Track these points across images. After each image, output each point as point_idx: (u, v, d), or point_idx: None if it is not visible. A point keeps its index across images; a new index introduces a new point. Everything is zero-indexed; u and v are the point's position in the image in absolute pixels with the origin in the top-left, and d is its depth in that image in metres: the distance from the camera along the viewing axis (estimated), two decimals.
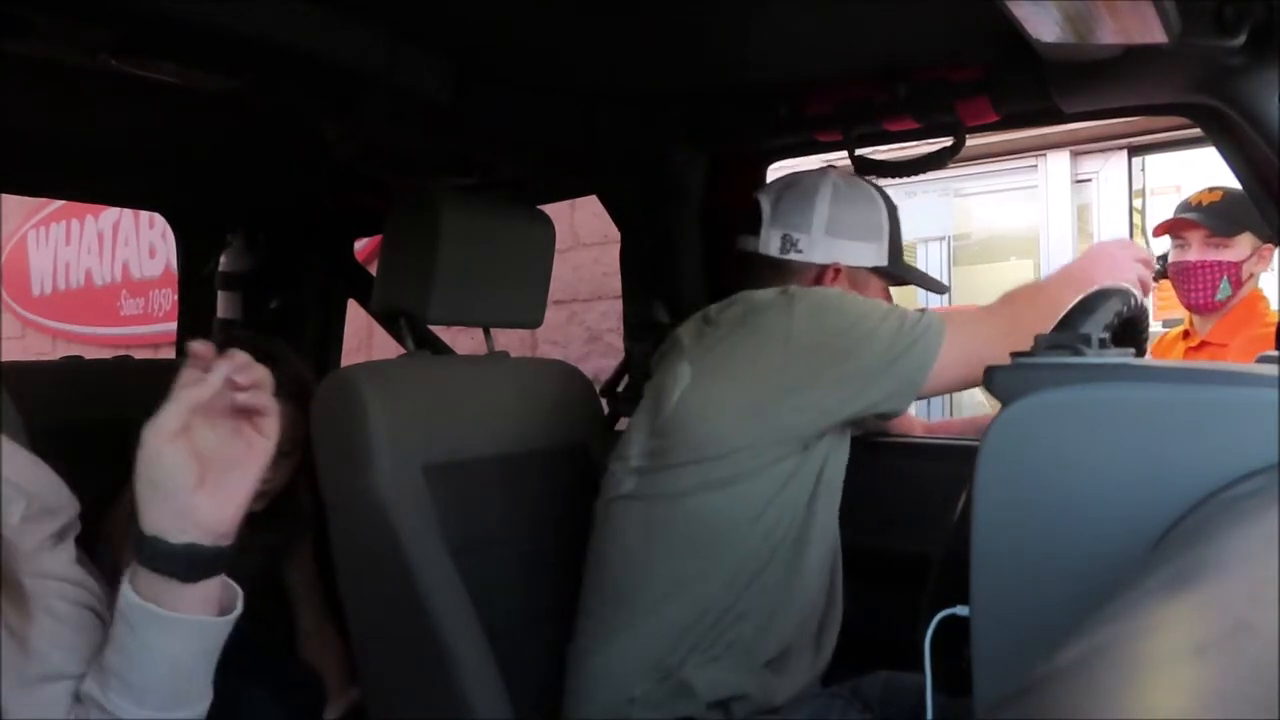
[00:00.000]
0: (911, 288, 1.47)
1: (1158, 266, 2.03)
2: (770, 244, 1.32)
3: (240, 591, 0.76)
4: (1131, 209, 2.95)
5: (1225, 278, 2.14)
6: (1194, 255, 2.14)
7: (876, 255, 1.33)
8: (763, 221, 1.32)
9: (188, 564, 0.69)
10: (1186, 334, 2.26)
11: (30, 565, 0.70)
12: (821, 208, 1.30)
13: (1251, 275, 2.16)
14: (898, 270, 1.36)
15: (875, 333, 1.12)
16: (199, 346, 0.69)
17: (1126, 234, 2.93)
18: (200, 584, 0.71)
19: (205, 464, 0.70)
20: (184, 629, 0.71)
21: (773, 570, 1.16)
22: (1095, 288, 0.76)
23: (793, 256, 1.30)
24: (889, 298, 1.36)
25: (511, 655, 1.20)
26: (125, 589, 0.70)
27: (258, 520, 1.46)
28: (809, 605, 1.22)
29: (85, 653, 0.75)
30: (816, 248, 1.30)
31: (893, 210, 1.36)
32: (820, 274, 1.30)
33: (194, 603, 0.71)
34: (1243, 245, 2.12)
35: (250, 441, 0.72)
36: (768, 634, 1.18)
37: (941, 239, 3.21)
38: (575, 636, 1.24)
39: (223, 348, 1.43)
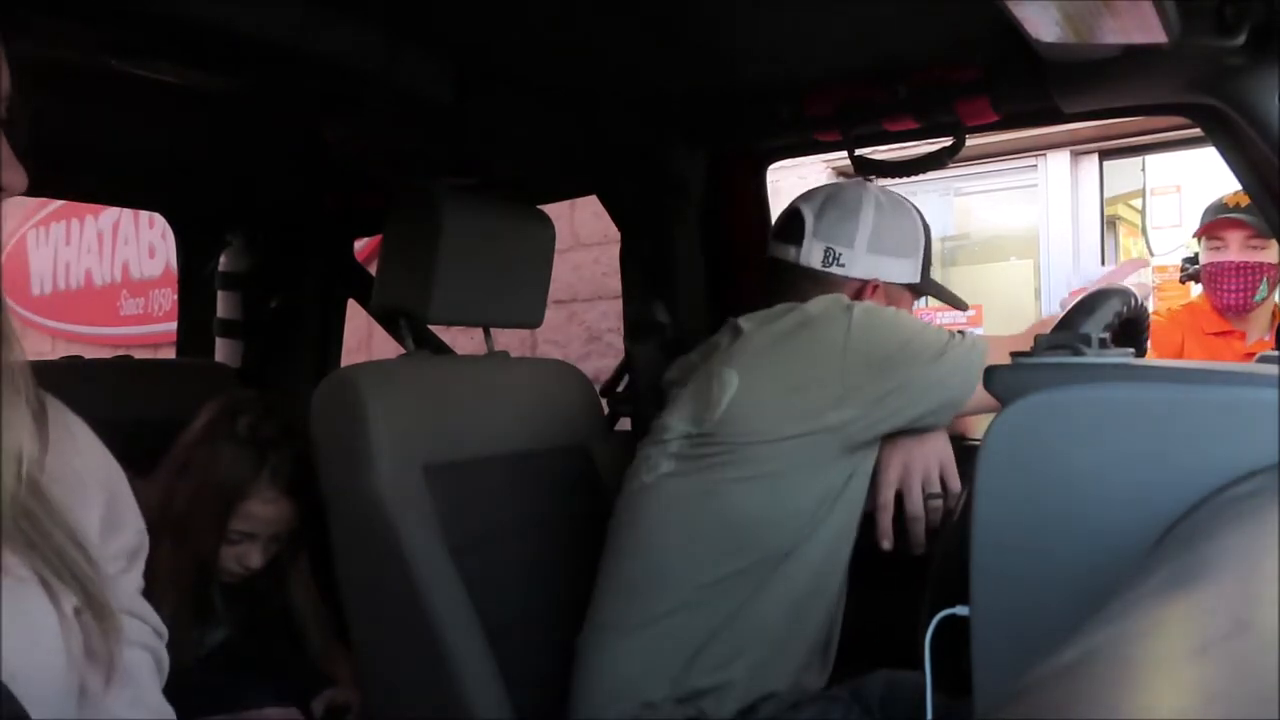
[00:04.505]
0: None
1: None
2: (812, 256, 1.33)
3: None
4: (1103, 213, 2.96)
5: (1265, 279, 2.14)
6: (1234, 256, 2.13)
7: (911, 272, 1.36)
8: (805, 233, 1.33)
9: None
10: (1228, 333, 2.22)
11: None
12: (866, 224, 1.33)
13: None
14: (927, 287, 1.38)
15: (925, 352, 1.16)
16: None
17: (1098, 237, 2.94)
18: None
19: None
20: None
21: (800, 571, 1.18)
22: (1095, 288, 0.76)
23: (834, 270, 1.33)
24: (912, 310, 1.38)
25: (511, 655, 1.20)
26: None
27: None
28: (828, 608, 1.23)
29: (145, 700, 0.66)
30: (858, 263, 1.32)
31: (927, 228, 1.40)
32: (860, 289, 1.32)
33: None
34: (1273, 250, 2.13)
35: None
36: (791, 637, 1.19)
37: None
38: (586, 632, 1.24)
39: (232, 411, 1.40)
